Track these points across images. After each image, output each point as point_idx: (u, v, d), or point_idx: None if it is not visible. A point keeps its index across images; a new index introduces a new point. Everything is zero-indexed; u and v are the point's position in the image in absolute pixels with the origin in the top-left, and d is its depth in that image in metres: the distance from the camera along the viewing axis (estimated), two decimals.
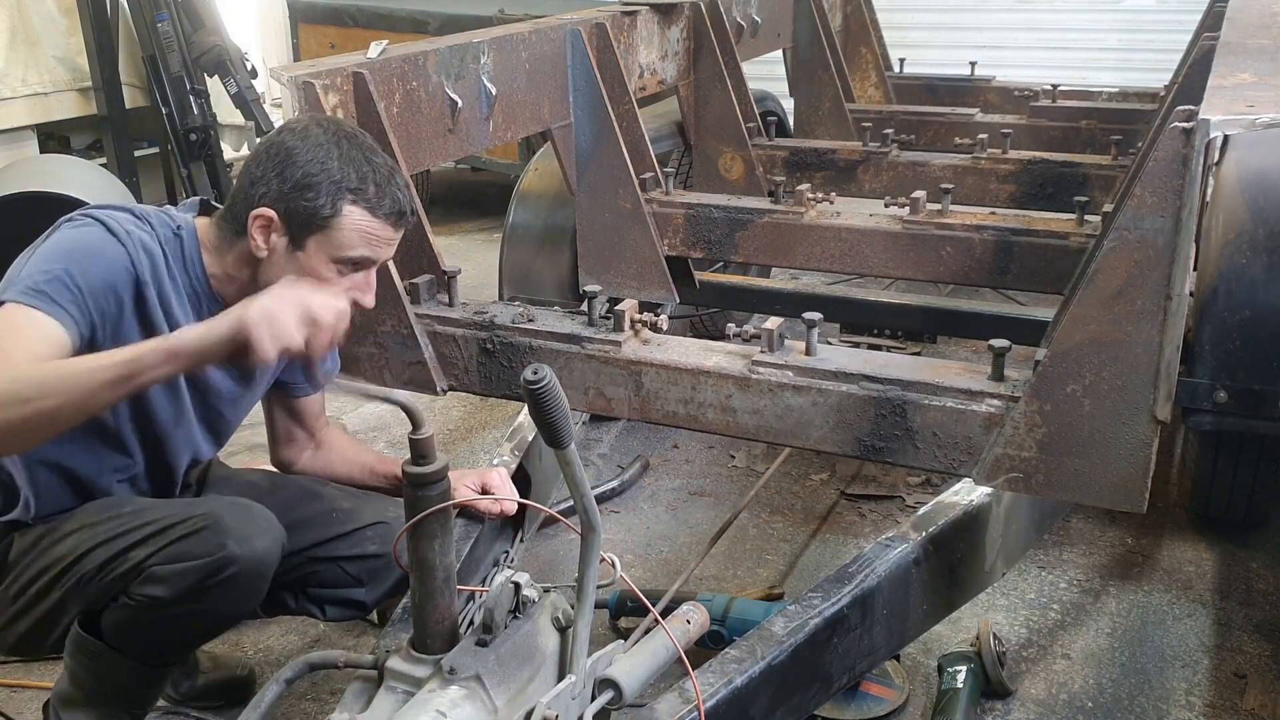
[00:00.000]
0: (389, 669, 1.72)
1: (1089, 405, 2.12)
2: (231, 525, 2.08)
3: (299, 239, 2.10)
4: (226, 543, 2.06)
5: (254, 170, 2.11)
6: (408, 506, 1.66)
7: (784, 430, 2.41)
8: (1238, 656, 2.96)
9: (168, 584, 2.06)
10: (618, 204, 3.47)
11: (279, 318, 1.69)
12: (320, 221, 2.09)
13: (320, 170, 2.08)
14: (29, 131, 5.83)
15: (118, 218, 2.10)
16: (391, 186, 2.15)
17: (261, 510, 2.17)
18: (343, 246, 2.12)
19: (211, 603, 2.10)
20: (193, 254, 2.17)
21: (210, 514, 2.10)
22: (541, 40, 3.31)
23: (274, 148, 2.11)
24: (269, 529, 2.15)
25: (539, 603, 1.77)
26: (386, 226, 2.15)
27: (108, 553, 2.09)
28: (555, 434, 1.60)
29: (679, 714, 1.81)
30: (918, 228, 3.40)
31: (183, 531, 2.07)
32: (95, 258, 2.03)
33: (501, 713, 1.64)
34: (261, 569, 2.13)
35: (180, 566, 2.05)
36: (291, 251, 2.11)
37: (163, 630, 2.15)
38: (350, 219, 2.10)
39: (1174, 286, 2.01)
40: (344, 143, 2.12)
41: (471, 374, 2.70)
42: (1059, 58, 7.35)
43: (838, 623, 2.05)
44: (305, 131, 2.13)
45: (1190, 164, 1.95)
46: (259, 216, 2.09)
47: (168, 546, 2.06)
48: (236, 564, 2.07)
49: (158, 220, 2.16)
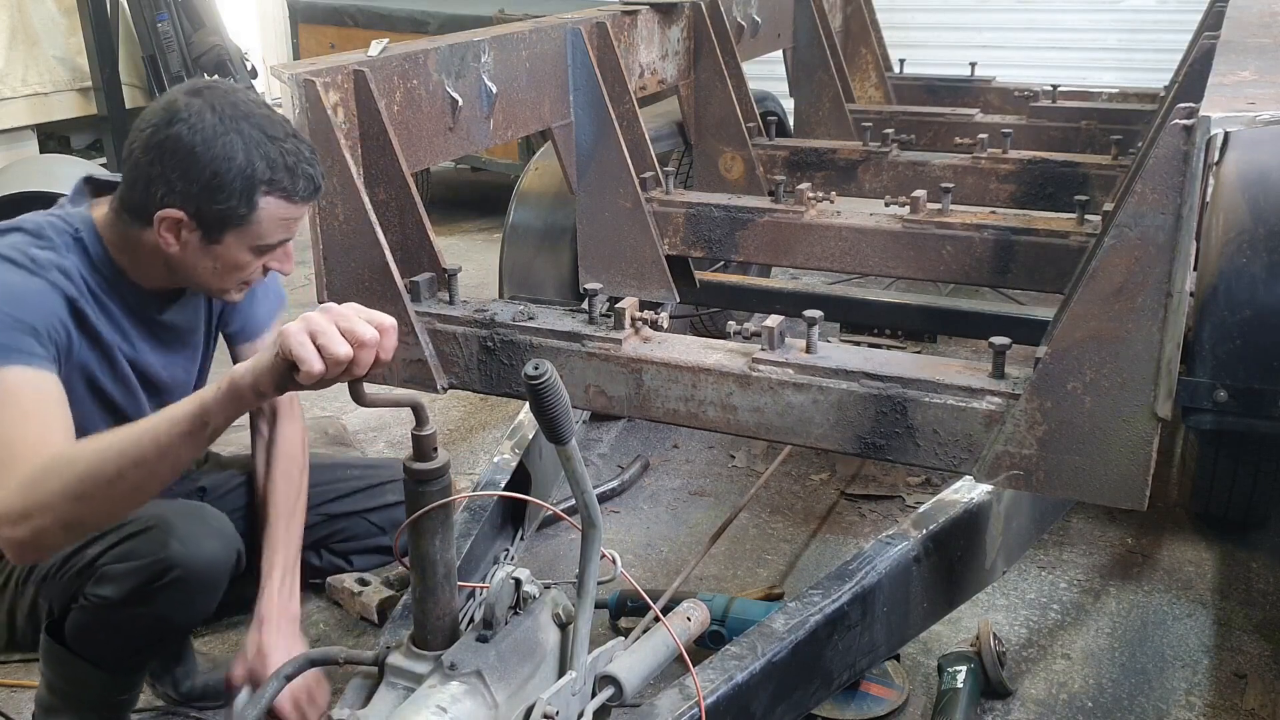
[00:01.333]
0: (389, 665, 1.72)
1: (1090, 403, 2.12)
2: (179, 526, 2.08)
3: (214, 235, 2.04)
4: (170, 543, 2.06)
5: (149, 168, 2.00)
6: (409, 502, 1.66)
7: (784, 428, 2.41)
8: (1238, 656, 2.96)
9: (115, 584, 2.06)
10: (618, 203, 3.46)
11: (321, 330, 1.64)
12: (237, 220, 2.03)
13: (227, 167, 1.98)
14: (29, 131, 5.85)
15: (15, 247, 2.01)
16: (302, 164, 2.07)
17: (213, 512, 2.18)
18: (262, 237, 2.08)
19: (158, 606, 2.10)
20: (97, 251, 2.11)
21: (159, 515, 2.10)
22: (542, 39, 3.31)
23: (170, 142, 1.98)
24: (218, 531, 2.14)
25: (540, 599, 1.77)
26: (300, 207, 2.11)
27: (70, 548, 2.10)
28: (556, 429, 1.60)
29: (679, 710, 1.81)
30: (918, 227, 3.40)
31: (131, 530, 2.07)
32: (25, 294, 1.97)
33: (502, 708, 1.64)
34: (209, 574, 2.12)
35: (126, 566, 2.06)
36: (206, 245, 2.05)
37: (115, 634, 2.15)
38: (267, 211, 2.05)
39: (1175, 284, 2.00)
40: (243, 125, 2.01)
41: (472, 372, 2.70)
42: (1059, 58, 7.37)
43: (838, 620, 2.05)
44: (198, 120, 1.98)
45: (1191, 161, 1.94)
46: (166, 218, 2.01)
47: (118, 545, 2.07)
48: (180, 566, 2.06)
49: (53, 229, 2.07)
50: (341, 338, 1.63)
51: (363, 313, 1.68)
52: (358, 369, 1.66)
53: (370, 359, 1.67)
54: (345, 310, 1.67)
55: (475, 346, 2.67)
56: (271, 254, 2.14)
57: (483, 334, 2.66)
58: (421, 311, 2.71)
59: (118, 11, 5.80)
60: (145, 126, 2.01)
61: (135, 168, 2.03)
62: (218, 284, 2.15)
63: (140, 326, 2.19)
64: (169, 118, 1.99)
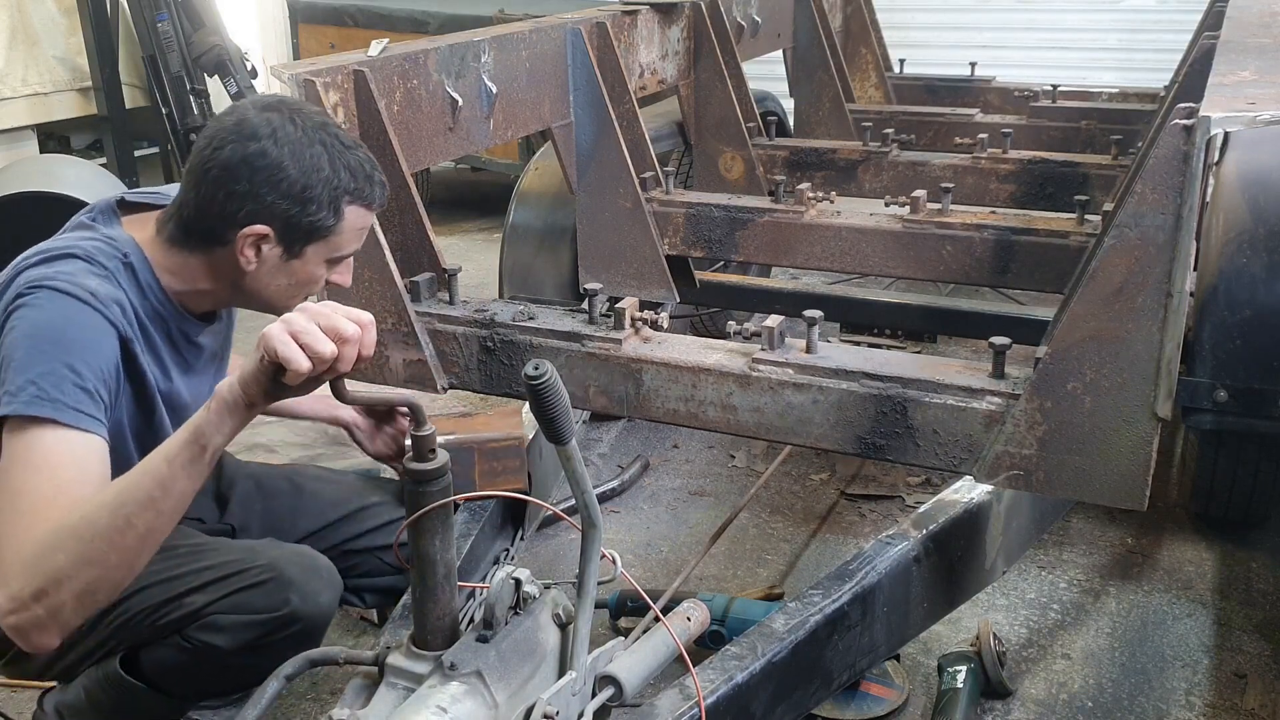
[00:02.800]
0: (389, 665, 1.71)
1: (1090, 403, 2.12)
2: (296, 579, 2.04)
3: (296, 249, 2.01)
4: (291, 598, 2.03)
5: (231, 185, 1.94)
6: (409, 502, 1.66)
7: (784, 428, 2.41)
8: (1238, 656, 2.96)
9: (229, 634, 2.02)
10: (618, 203, 3.46)
11: (303, 329, 1.61)
12: (324, 231, 2.00)
13: (316, 179, 1.96)
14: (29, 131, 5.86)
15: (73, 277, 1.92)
16: (375, 173, 2.07)
17: (324, 562, 2.14)
18: (340, 248, 2.06)
19: (271, 655, 2.01)
20: (146, 276, 2.02)
21: (274, 565, 2.05)
22: (542, 39, 3.31)
23: (255, 158, 1.93)
24: (330, 583, 2.12)
25: (540, 599, 1.77)
26: (373, 215, 2.12)
27: (162, 594, 2.03)
28: (556, 429, 1.60)
29: (679, 710, 1.81)
30: (918, 227, 3.40)
31: (246, 582, 2.02)
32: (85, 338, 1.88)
33: (502, 709, 1.63)
34: (322, 623, 2.11)
35: (243, 618, 2.01)
36: (286, 260, 2.01)
37: (214, 676, 2.11)
38: (349, 220, 2.03)
39: (1175, 284, 2.00)
40: (321, 134, 1.99)
41: (472, 372, 2.70)
42: (1059, 58, 7.38)
43: (838, 620, 2.05)
44: (282, 133, 1.96)
45: (1191, 161, 1.94)
46: (250, 235, 1.96)
47: (230, 595, 2.02)
48: (301, 621, 2.04)
49: (103, 254, 1.98)
50: (324, 335, 1.62)
51: (340, 309, 1.67)
52: (342, 365, 1.65)
53: (354, 355, 1.66)
54: (322, 308, 1.65)
55: (475, 346, 2.68)
56: (337, 268, 2.11)
57: (483, 334, 2.66)
58: (421, 311, 2.71)
59: (118, 11, 5.80)
60: (219, 145, 1.95)
61: (211, 187, 1.95)
62: (284, 302, 2.08)
63: (176, 353, 2.12)
64: (247, 134, 1.95)
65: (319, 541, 2.33)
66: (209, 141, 1.96)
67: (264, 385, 1.66)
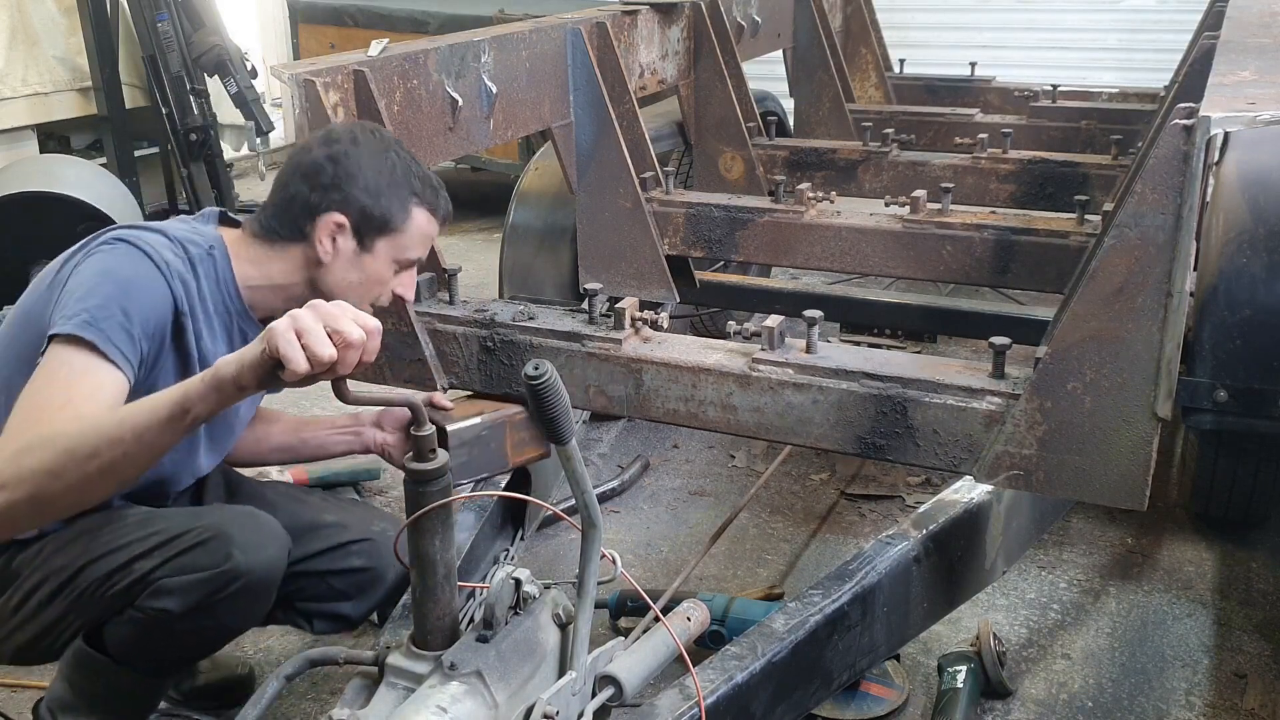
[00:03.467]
0: (389, 665, 1.72)
1: (1090, 403, 2.12)
2: (238, 536, 2.07)
3: (368, 242, 2.20)
4: (233, 553, 2.04)
5: (314, 178, 2.17)
6: (409, 503, 1.66)
7: (784, 428, 2.41)
8: (1238, 656, 2.96)
9: (176, 596, 2.03)
10: (618, 203, 3.46)
11: (308, 329, 1.64)
12: (393, 225, 2.21)
13: (390, 179, 2.20)
14: (29, 131, 5.85)
15: (153, 243, 2.09)
16: (442, 189, 2.32)
17: (267, 519, 2.16)
18: (407, 248, 2.26)
19: (219, 615, 2.09)
20: (224, 271, 2.19)
21: (217, 524, 2.08)
22: (542, 39, 3.31)
23: (337, 157, 2.17)
24: (274, 537, 2.14)
25: (539, 599, 1.77)
26: (438, 225, 2.32)
27: (112, 563, 2.07)
28: (556, 429, 1.60)
29: (679, 710, 1.80)
30: (918, 227, 3.39)
31: (190, 542, 2.05)
32: (144, 291, 2.03)
33: (502, 709, 1.64)
34: (269, 580, 2.12)
35: (188, 578, 2.03)
36: (358, 254, 2.21)
37: (170, 643, 2.13)
38: (416, 222, 2.25)
39: (1175, 284, 2.00)
40: (396, 150, 2.25)
41: (472, 372, 2.70)
42: (1059, 58, 7.37)
43: (838, 620, 2.05)
44: (363, 141, 2.22)
45: (1191, 161, 1.94)
46: (329, 222, 2.16)
47: (175, 558, 2.04)
48: (245, 575, 2.05)
49: (189, 240, 2.16)
50: (327, 339, 1.64)
51: (349, 312, 1.69)
52: (341, 369, 1.67)
53: (355, 360, 1.68)
54: (333, 309, 1.68)
55: (475, 346, 2.68)
56: (401, 276, 2.30)
57: (483, 334, 2.66)
58: (421, 311, 2.71)
59: (118, 11, 5.79)
60: (306, 149, 2.23)
61: (297, 183, 2.19)
62: (355, 300, 2.16)
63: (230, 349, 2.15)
64: (332, 139, 2.22)
65: None
66: (299, 149, 2.24)
67: (259, 375, 1.69)
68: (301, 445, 2.58)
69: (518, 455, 2.48)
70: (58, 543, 2.14)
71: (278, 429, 2.60)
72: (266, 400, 2.54)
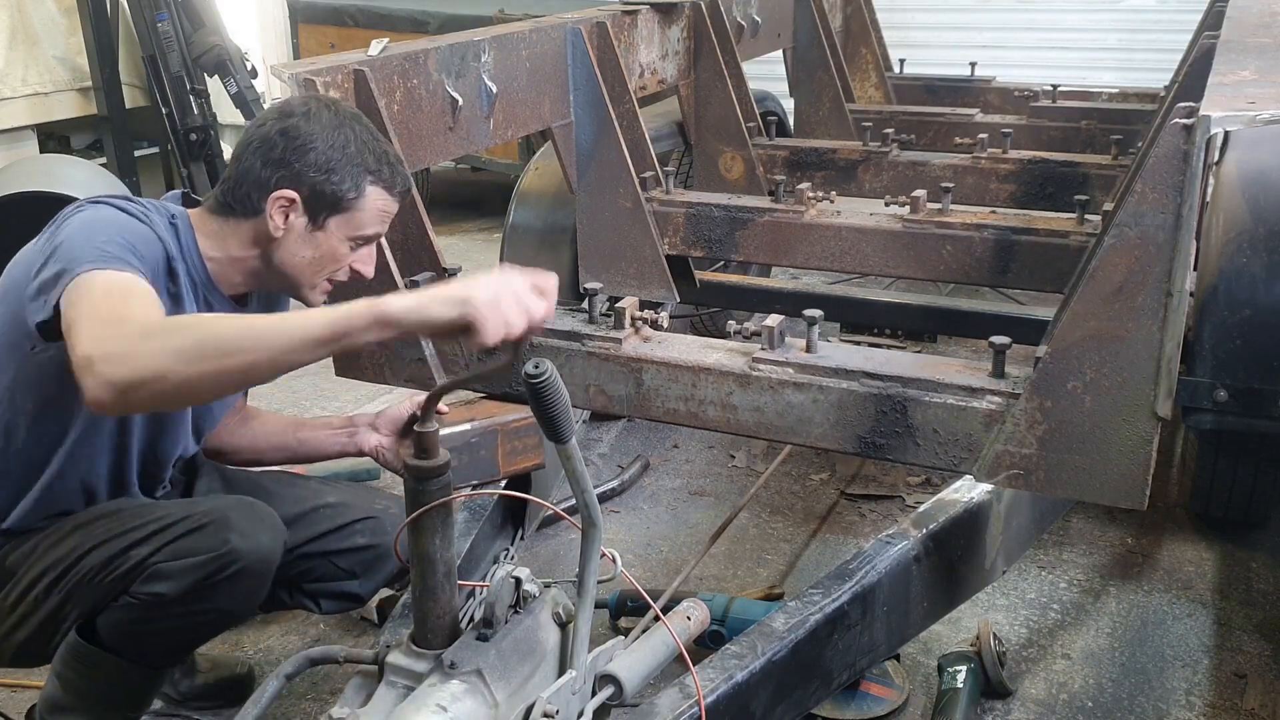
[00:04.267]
0: (389, 664, 1.72)
1: (1090, 402, 2.12)
2: (235, 521, 2.08)
3: (320, 219, 2.16)
4: (230, 538, 2.05)
5: (265, 152, 2.13)
6: (409, 500, 1.66)
7: (784, 427, 2.41)
8: (1238, 656, 2.96)
9: (172, 580, 2.04)
10: (618, 203, 3.46)
11: (506, 305, 1.66)
12: (345, 203, 2.16)
13: (341, 154, 2.14)
14: (29, 131, 5.83)
15: (125, 205, 2.10)
16: (399, 165, 2.24)
17: (263, 506, 2.18)
18: (362, 225, 2.20)
19: (216, 600, 2.09)
20: (189, 242, 2.17)
21: (213, 510, 2.10)
22: (542, 39, 3.31)
23: (290, 131, 2.13)
24: (272, 525, 2.15)
25: (540, 598, 1.77)
26: (396, 203, 2.25)
27: (108, 551, 2.08)
28: (556, 428, 1.60)
29: (679, 709, 1.80)
30: (918, 226, 3.39)
31: (186, 528, 2.06)
32: (137, 233, 2.03)
33: (502, 707, 1.63)
34: (265, 565, 2.13)
35: (184, 563, 2.04)
36: (310, 231, 2.17)
37: (165, 630, 2.13)
38: (371, 199, 2.18)
39: (1175, 283, 2.00)
40: (353, 124, 2.19)
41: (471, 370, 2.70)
42: (1059, 58, 7.37)
43: (838, 619, 2.05)
44: (314, 114, 2.17)
45: (1191, 160, 1.94)
46: (280, 198, 2.12)
47: (171, 543, 2.05)
48: (241, 560, 2.06)
49: (154, 208, 2.16)
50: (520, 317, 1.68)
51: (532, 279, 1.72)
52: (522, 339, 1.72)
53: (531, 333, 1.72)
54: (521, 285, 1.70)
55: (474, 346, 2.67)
56: (359, 253, 2.24)
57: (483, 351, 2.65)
58: None
59: (118, 11, 5.78)
60: (260, 123, 2.19)
61: (247, 159, 2.16)
62: (309, 278, 2.22)
63: None
64: (286, 113, 2.17)
65: None
66: (255, 122, 2.20)
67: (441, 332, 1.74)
68: (298, 445, 2.59)
69: (510, 464, 2.47)
70: (54, 537, 2.15)
71: (275, 428, 2.61)
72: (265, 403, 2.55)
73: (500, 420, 2.42)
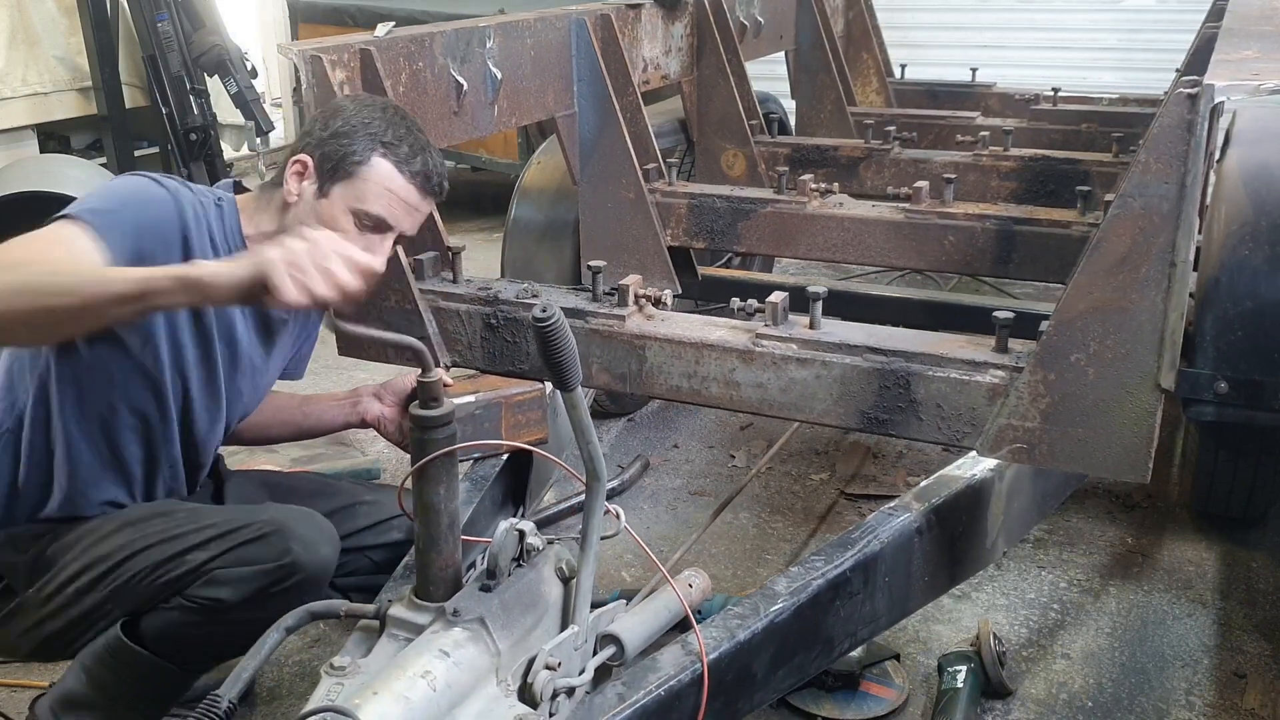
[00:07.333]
0: (391, 617, 1.70)
1: (1093, 374, 2.11)
2: (297, 531, 2.07)
3: (325, 186, 2.16)
4: (293, 547, 2.05)
5: (306, 126, 2.23)
6: (414, 450, 1.65)
7: (787, 404, 2.40)
8: (1238, 656, 2.95)
9: (232, 587, 2.03)
10: (621, 194, 3.47)
11: (301, 261, 1.68)
12: (348, 167, 2.15)
13: (361, 124, 2.18)
14: (29, 131, 5.83)
15: (164, 179, 2.14)
16: (426, 154, 2.23)
17: (321, 518, 2.17)
18: (363, 198, 2.17)
19: (271, 609, 2.02)
20: (232, 223, 2.20)
21: (275, 520, 2.08)
22: (546, 29, 3.32)
23: (330, 107, 2.24)
24: (330, 538, 2.15)
25: (543, 552, 1.76)
26: (411, 189, 2.21)
27: (163, 553, 2.06)
28: (563, 374, 1.59)
29: (683, 665, 1.79)
30: (920, 217, 3.40)
31: (248, 536, 2.05)
32: (148, 203, 2.06)
33: (504, 657, 1.62)
34: (323, 576, 2.13)
35: (246, 570, 2.03)
36: (316, 199, 2.17)
37: (214, 635, 2.11)
38: (376, 170, 2.17)
39: (1178, 253, 2.00)
40: (392, 111, 2.24)
41: (475, 349, 2.69)
42: (1059, 58, 7.41)
43: (840, 585, 2.03)
44: (361, 99, 2.29)
45: (1195, 130, 1.95)
46: (296, 161, 2.17)
47: (232, 550, 2.04)
48: (302, 571, 2.05)
49: (201, 191, 2.20)
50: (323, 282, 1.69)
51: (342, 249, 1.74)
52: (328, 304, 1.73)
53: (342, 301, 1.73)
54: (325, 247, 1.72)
55: (479, 324, 2.67)
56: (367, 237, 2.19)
57: (486, 311, 2.66)
58: (425, 289, 2.71)
59: (118, 11, 5.78)
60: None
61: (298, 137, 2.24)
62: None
63: None
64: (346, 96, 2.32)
65: None
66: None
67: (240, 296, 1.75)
68: (304, 419, 2.59)
69: (515, 437, 2.46)
70: (99, 533, 2.12)
71: (283, 404, 2.60)
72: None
73: (505, 393, 2.41)
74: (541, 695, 1.62)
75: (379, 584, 2.41)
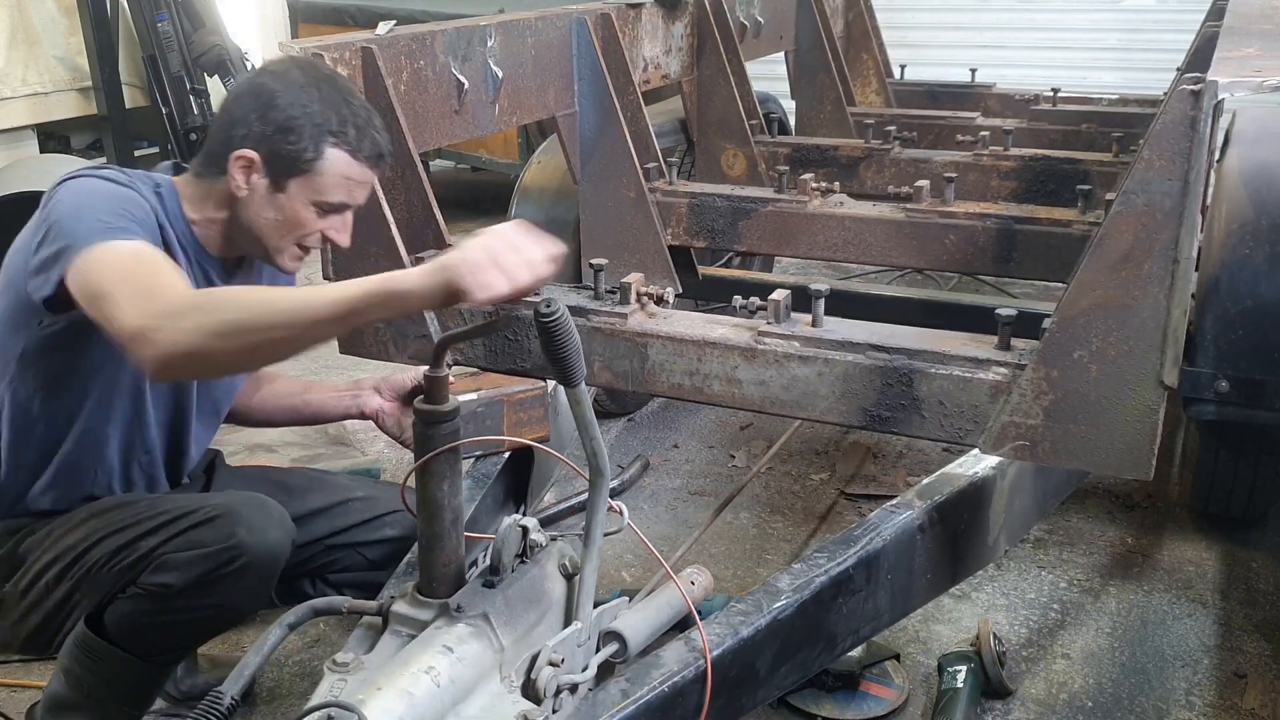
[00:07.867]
0: (394, 613, 1.70)
1: (1096, 371, 2.11)
2: (244, 515, 2.07)
3: (280, 181, 2.13)
4: (238, 531, 2.05)
5: (233, 111, 2.13)
6: (418, 445, 1.65)
7: (790, 401, 2.40)
8: (1238, 656, 2.95)
9: (178, 571, 2.03)
10: (621, 193, 3.46)
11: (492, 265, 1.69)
12: (303, 165, 2.11)
13: (301, 113, 2.10)
14: (29, 131, 5.84)
15: (107, 171, 2.11)
16: (370, 129, 2.18)
17: (274, 504, 2.17)
18: (323, 190, 2.15)
19: (221, 594, 2.07)
20: (174, 208, 2.17)
21: (223, 504, 2.09)
22: (547, 27, 3.32)
23: (254, 89, 2.13)
24: (280, 522, 2.14)
25: (546, 549, 1.76)
26: (365, 169, 2.19)
27: (118, 541, 2.07)
28: (567, 370, 1.59)
29: (686, 661, 1.79)
30: (921, 216, 3.39)
31: (195, 520, 2.05)
32: (129, 201, 2.03)
33: (508, 652, 1.62)
34: (272, 561, 2.11)
35: (191, 554, 2.03)
36: (272, 193, 2.14)
37: (170, 622, 2.11)
38: (331, 163, 2.14)
39: (1181, 250, 2.00)
40: (323, 85, 2.15)
41: (476, 347, 2.69)
42: (1059, 58, 7.40)
43: (843, 582, 2.03)
44: (284, 74, 2.15)
45: (1198, 126, 1.94)
46: (240, 157, 2.10)
47: (180, 535, 2.04)
48: (248, 553, 2.05)
49: (138, 177, 2.16)
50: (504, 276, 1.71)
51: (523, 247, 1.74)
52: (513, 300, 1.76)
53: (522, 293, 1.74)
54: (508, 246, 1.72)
55: (479, 321, 2.66)
56: (330, 220, 2.20)
57: (487, 309, 2.65)
58: None
59: (118, 11, 5.80)
60: (236, 86, 2.23)
61: (220, 116, 2.17)
62: (275, 240, 2.19)
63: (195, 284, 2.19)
64: (262, 71, 2.18)
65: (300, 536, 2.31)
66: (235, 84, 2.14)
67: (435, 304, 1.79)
68: (304, 407, 2.59)
69: (516, 435, 2.46)
70: (66, 525, 2.14)
71: (285, 390, 2.61)
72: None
73: (507, 391, 2.41)
74: (545, 691, 1.62)
75: (374, 581, 2.41)
